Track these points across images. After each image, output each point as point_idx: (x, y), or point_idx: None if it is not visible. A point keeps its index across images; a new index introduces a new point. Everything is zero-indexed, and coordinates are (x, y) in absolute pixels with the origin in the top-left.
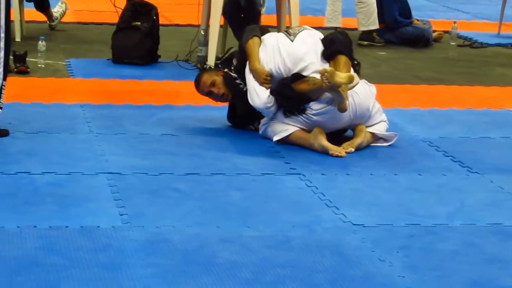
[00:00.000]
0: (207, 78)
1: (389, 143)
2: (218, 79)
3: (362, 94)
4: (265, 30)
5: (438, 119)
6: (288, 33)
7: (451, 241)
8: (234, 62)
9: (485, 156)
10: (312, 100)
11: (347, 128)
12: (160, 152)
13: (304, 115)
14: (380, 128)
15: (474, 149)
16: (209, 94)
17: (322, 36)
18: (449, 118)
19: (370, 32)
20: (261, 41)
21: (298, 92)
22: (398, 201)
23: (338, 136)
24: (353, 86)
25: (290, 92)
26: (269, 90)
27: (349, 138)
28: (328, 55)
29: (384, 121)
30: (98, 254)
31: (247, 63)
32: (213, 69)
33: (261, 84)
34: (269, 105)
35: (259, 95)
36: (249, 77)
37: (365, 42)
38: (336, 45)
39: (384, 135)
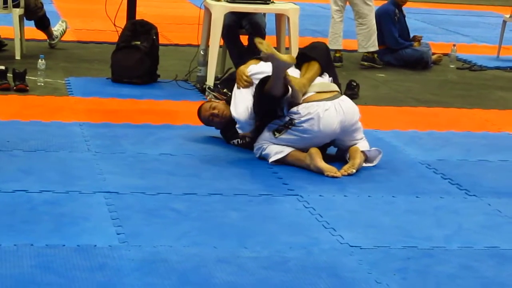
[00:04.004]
0: (206, 103)
1: (374, 164)
2: (218, 103)
3: (347, 100)
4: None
5: (436, 141)
6: None
7: (448, 264)
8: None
9: (483, 179)
10: (290, 105)
11: (340, 138)
12: (158, 171)
13: (293, 128)
14: (365, 146)
15: (472, 172)
16: (212, 116)
17: None
18: (447, 140)
19: (372, 53)
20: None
21: (268, 92)
22: (395, 223)
23: (333, 156)
24: (335, 97)
25: (263, 95)
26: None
27: (342, 160)
28: (304, 57)
29: (365, 139)
30: (94, 273)
31: None
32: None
33: (238, 82)
34: (248, 118)
35: (242, 108)
36: (236, 92)
37: (366, 63)
38: (315, 51)
39: (370, 153)
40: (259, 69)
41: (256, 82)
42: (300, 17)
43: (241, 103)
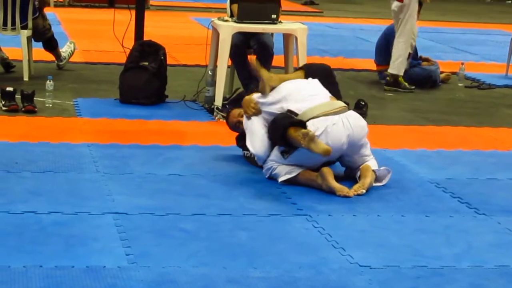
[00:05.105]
0: (236, 109)
1: (383, 183)
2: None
3: (354, 115)
4: None
5: (445, 160)
6: None
7: (458, 283)
8: None
9: (492, 198)
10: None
11: (348, 154)
12: (167, 192)
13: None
14: (374, 165)
15: (481, 191)
16: (239, 123)
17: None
18: (456, 159)
19: (394, 76)
20: None
21: (286, 136)
22: (405, 242)
23: (348, 175)
24: (342, 111)
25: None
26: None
27: (352, 179)
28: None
29: (373, 157)
30: None
31: None
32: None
33: (246, 111)
34: (266, 152)
35: (259, 143)
36: (247, 123)
37: (388, 88)
38: (312, 66)
39: (379, 172)
40: (263, 97)
41: (263, 109)
42: (308, 36)
43: (256, 138)
